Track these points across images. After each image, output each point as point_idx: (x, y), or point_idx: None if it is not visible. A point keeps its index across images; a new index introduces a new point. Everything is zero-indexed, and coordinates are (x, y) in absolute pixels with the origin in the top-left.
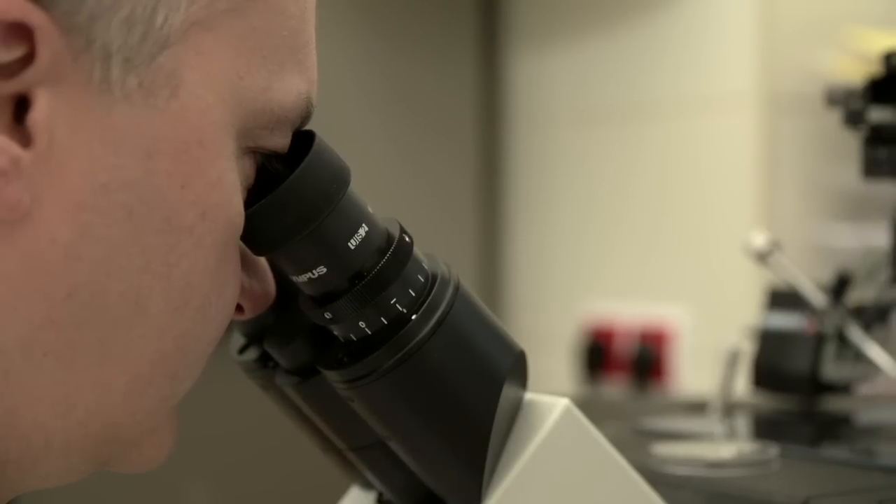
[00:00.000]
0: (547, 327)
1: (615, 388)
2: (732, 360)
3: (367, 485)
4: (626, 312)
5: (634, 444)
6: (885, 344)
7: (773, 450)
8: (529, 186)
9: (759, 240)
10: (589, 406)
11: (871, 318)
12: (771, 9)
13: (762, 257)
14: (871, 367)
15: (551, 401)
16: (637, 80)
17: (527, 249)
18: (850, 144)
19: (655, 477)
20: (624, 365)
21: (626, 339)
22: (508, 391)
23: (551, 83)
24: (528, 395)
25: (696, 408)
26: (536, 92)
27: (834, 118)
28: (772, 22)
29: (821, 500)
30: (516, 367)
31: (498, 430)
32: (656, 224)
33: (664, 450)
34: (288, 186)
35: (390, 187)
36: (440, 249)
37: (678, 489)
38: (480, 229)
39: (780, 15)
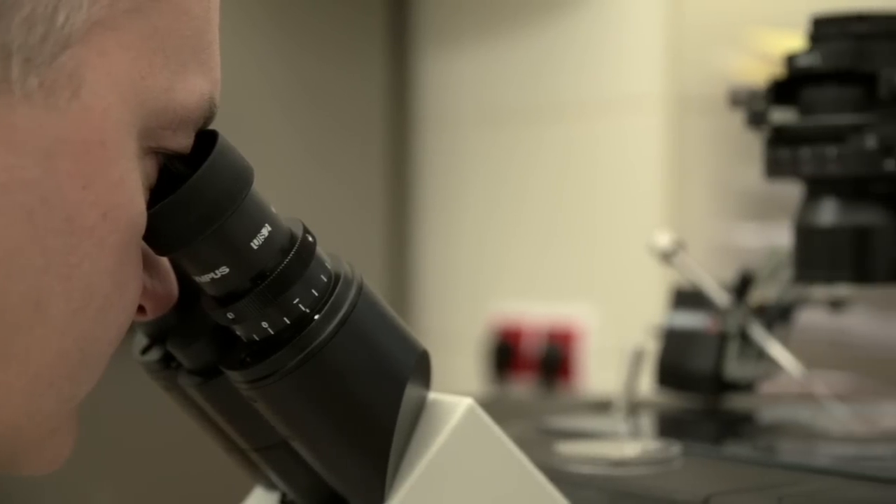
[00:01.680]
0: (455, 327)
1: (523, 388)
2: (636, 359)
3: (270, 485)
4: (534, 312)
5: (539, 444)
6: (786, 343)
7: (675, 448)
8: (437, 186)
9: (664, 240)
10: (496, 405)
11: (774, 317)
12: (677, 10)
13: (666, 257)
14: (773, 366)
15: (454, 400)
16: (547, 80)
17: (435, 249)
18: (755, 145)
19: (559, 476)
20: (532, 364)
21: (533, 339)
22: (411, 391)
23: (461, 83)
24: (432, 395)
25: (601, 407)
26: (445, 92)
27: (739, 119)
28: (678, 23)
29: (722, 498)
30: (419, 366)
31: (401, 430)
32: (564, 224)
33: (568, 449)
34: (190, 186)
35: (299, 187)
36: (349, 249)
37: (581, 488)
38: (388, 229)
39: (687, 16)
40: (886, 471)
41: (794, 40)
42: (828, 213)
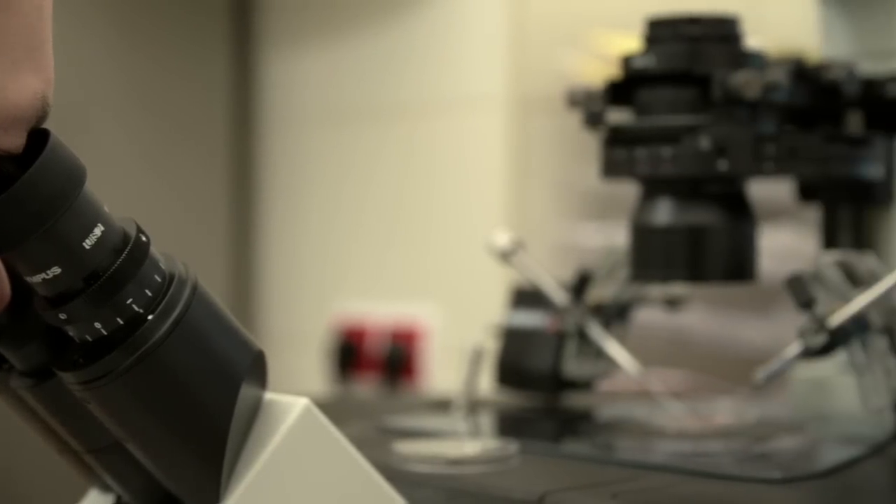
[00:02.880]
0: (299, 327)
1: (367, 387)
2: (476, 358)
3: (105, 487)
4: (378, 311)
5: (377, 443)
6: (624, 341)
7: (514, 446)
8: (281, 186)
9: (502, 239)
10: (338, 405)
11: (611, 315)
12: (520, 11)
13: (505, 256)
14: (611, 364)
15: (291, 401)
16: (390, 80)
17: (278, 249)
18: (594, 145)
19: (396, 475)
20: (375, 364)
21: (377, 338)
22: (247, 391)
23: (304, 83)
24: (268, 396)
25: (442, 406)
26: (289, 92)
27: (579, 120)
28: (521, 24)
29: (557, 495)
30: (255, 367)
31: (236, 430)
32: (407, 224)
33: (406, 448)
34: (22, 184)
35: (140, 187)
36: (192, 249)
37: (418, 487)
38: (231, 229)
39: (529, 17)
40: (719, 466)
41: (633, 41)
42: (663, 212)
